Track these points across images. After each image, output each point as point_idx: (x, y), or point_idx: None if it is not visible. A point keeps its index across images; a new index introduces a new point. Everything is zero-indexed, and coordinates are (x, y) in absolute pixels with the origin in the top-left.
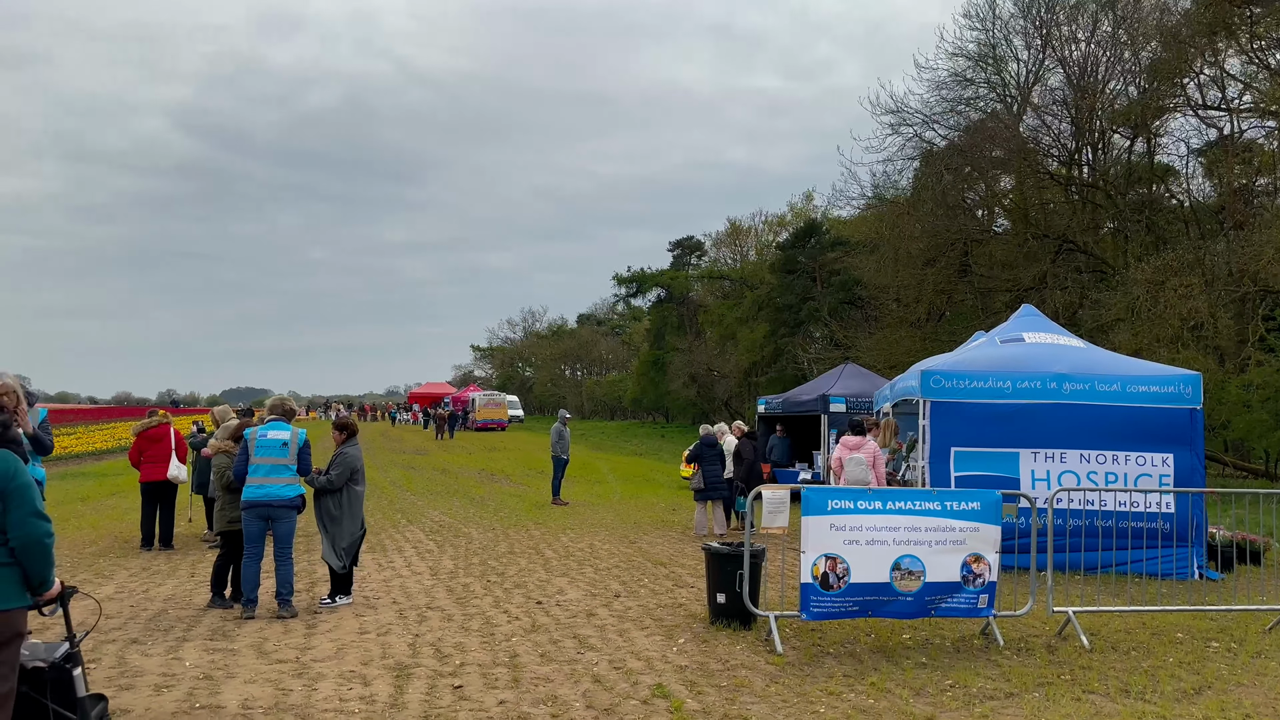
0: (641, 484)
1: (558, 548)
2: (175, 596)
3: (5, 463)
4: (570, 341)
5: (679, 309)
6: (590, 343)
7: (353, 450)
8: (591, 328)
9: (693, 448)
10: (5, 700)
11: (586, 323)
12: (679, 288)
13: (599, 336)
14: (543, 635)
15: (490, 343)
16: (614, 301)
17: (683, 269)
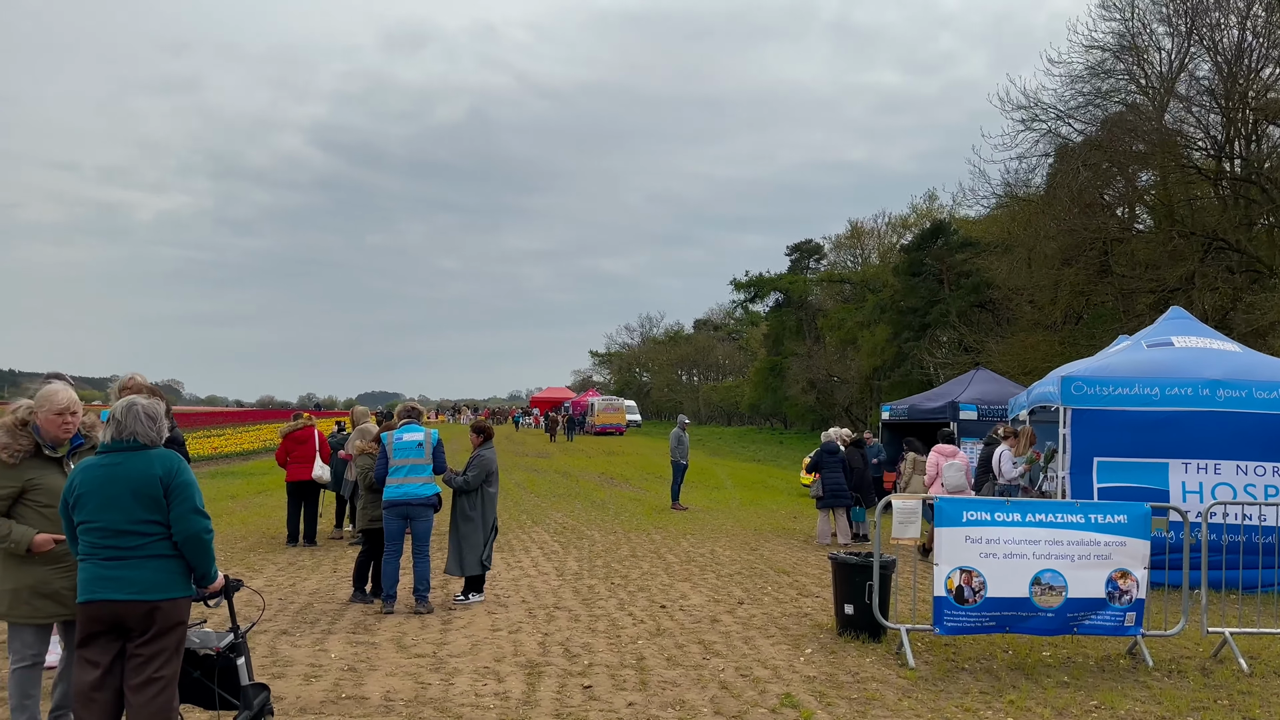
0: (760, 490)
1: (679, 552)
2: (320, 591)
3: (169, 461)
4: (687, 347)
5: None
6: (707, 348)
7: (488, 453)
8: (708, 333)
9: (814, 455)
10: (171, 681)
11: (703, 328)
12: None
13: (716, 342)
14: (668, 639)
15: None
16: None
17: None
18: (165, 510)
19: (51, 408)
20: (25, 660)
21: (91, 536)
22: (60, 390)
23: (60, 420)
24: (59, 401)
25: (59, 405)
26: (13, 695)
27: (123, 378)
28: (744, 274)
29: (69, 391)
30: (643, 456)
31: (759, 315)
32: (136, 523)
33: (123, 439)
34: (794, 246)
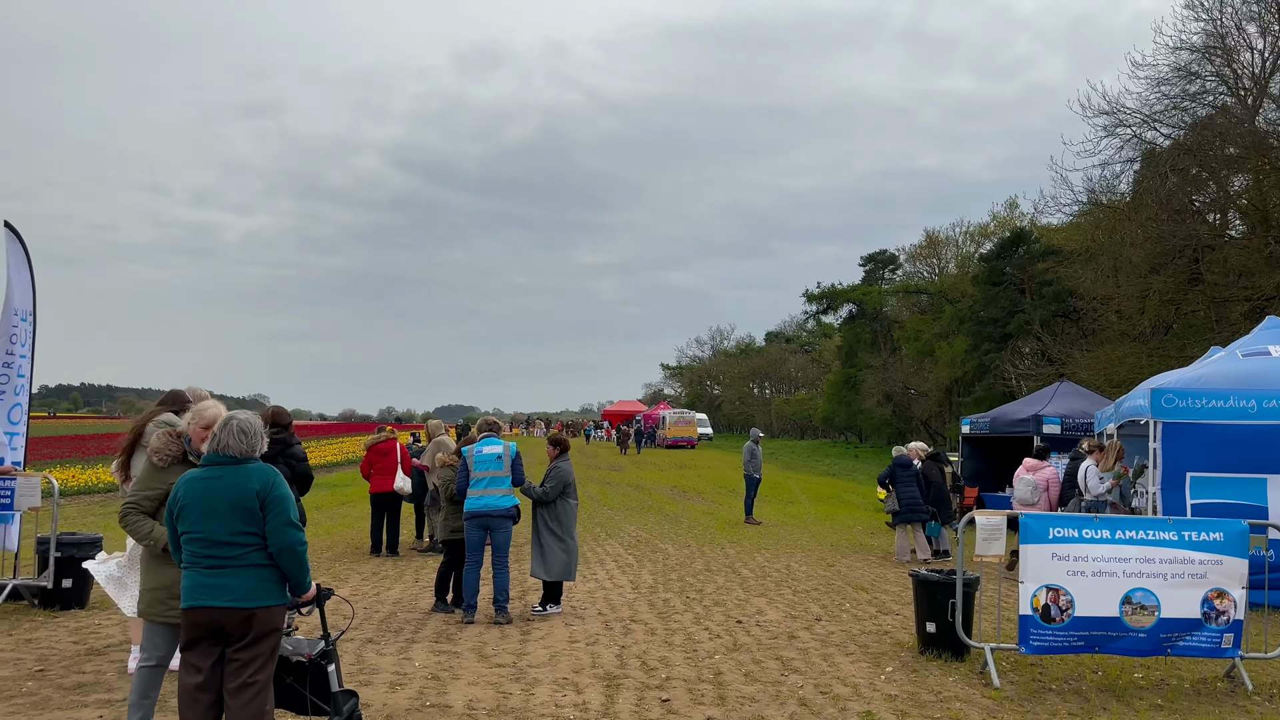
0: (835, 505)
1: (754, 567)
2: (403, 600)
3: (266, 475)
4: (758, 359)
5: (872, 325)
6: (779, 360)
7: (565, 465)
8: (780, 345)
9: (886, 469)
10: (266, 685)
11: (775, 340)
12: (872, 303)
13: (788, 354)
14: (745, 655)
15: (679, 361)
16: (803, 318)
17: (875, 283)
18: (261, 522)
19: (200, 420)
20: (152, 660)
21: (193, 546)
22: (210, 405)
23: (205, 433)
24: (206, 415)
25: (206, 419)
26: (133, 691)
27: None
28: (816, 285)
29: (219, 408)
30: (715, 470)
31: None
32: (234, 533)
33: (220, 453)
34: (868, 257)
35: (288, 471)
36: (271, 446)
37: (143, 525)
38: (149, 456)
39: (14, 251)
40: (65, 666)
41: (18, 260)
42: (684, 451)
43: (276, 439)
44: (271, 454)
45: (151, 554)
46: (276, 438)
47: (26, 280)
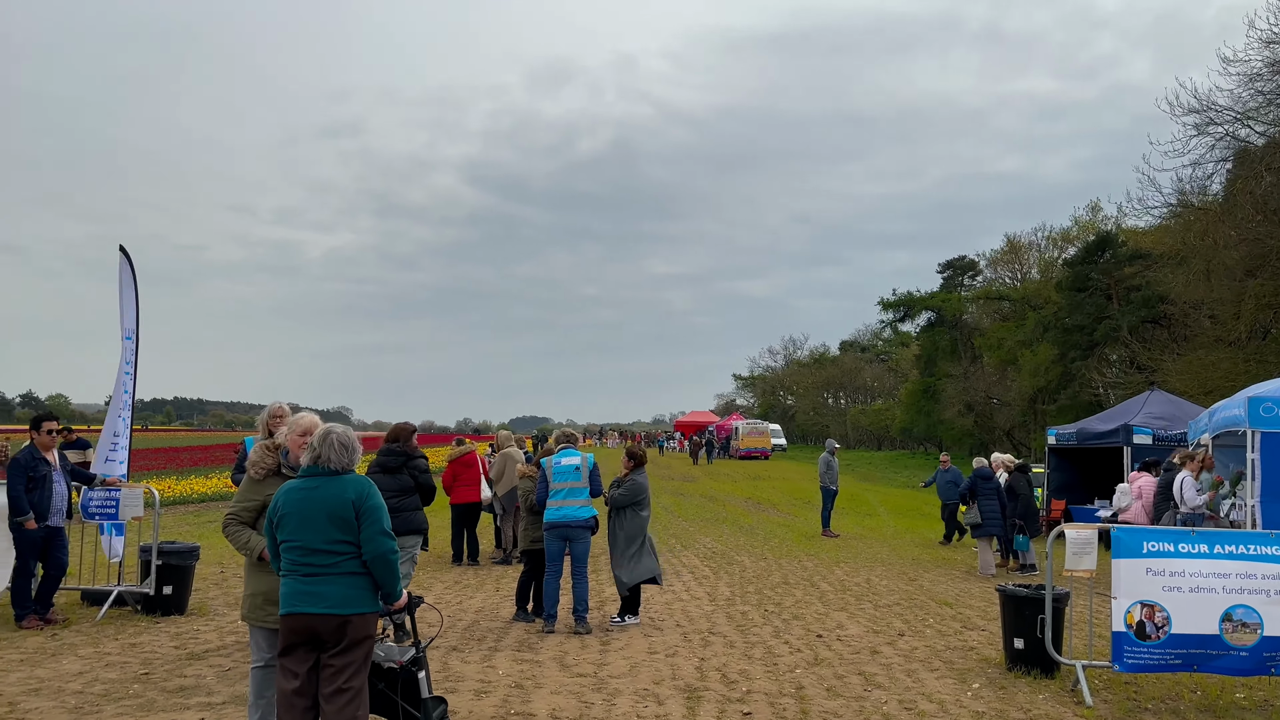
0: (915, 518)
1: (833, 581)
2: (484, 609)
3: (361, 485)
4: (833, 369)
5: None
6: (854, 370)
7: (640, 478)
8: (855, 354)
9: (967, 481)
10: (360, 691)
11: (850, 349)
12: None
13: (863, 363)
14: (826, 669)
15: (751, 371)
16: (879, 327)
17: (954, 290)
18: (356, 531)
19: (296, 430)
20: (260, 661)
21: (291, 554)
22: (306, 417)
23: (302, 440)
24: (302, 425)
25: (301, 428)
26: (251, 692)
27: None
28: (892, 293)
29: (313, 419)
30: (789, 481)
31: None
32: (330, 542)
33: (319, 465)
34: (946, 263)
35: (410, 482)
36: (395, 459)
37: (241, 535)
38: (248, 469)
39: (125, 274)
40: (168, 670)
41: (127, 282)
42: (758, 462)
43: (400, 452)
44: (396, 465)
45: (251, 561)
46: (400, 450)
47: (132, 301)
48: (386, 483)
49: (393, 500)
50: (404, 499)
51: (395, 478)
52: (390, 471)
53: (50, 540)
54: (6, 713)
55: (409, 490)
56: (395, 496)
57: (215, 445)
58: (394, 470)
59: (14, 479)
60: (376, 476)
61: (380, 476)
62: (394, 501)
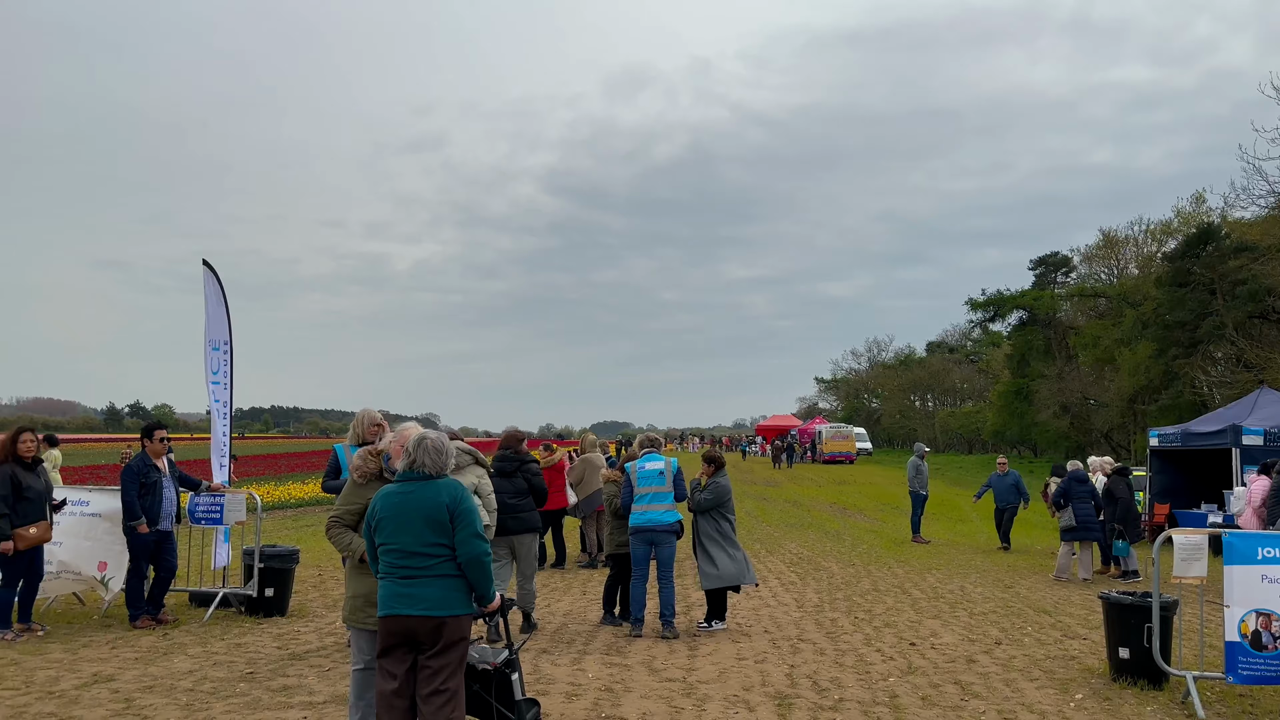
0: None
1: (925, 588)
2: (572, 612)
3: (455, 489)
4: (920, 371)
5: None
6: (942, 372)
7: (723, 481)
8: (943, 355)
9: (1060, 484)
10: (457, 692)
11: (937, 350)
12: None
13: (951, 365)
14: (920, 678)
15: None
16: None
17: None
18: (451, 534)
19: (400, 439)
20: (360, 663)
21: (389, 557)
22: (411, 427)
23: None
24: (404, 435)
25: (403, 438)
26: (351, 693)
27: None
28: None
29: (417, 429)
30: (876, 486)
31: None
32: (426, 545)
33: (414, 470)
34: (1038, 260)
35: (525, 484)
36: (509, 463)
37: (344, 537)
38: (351, 473)
39: (211, 287)
40: (271, 670)
41: (214, 295)
42: (842, 467)
43: (514, 457)
44: (511, 470)
45: (353, 564)
46: (513, 455)
47: (222, 313)
48: (503, 486)
49: (510, 501)
50: (520, 500)
51: (511, 481)
52: (506, 475)
53: (161, 544)
54: (124, 708)
55: (524, 492)
56: (512, 498)
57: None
58: (509, 474)
59: (127, 485)
60: (494, 480)
61: (497, 480)
62: (511, 502)
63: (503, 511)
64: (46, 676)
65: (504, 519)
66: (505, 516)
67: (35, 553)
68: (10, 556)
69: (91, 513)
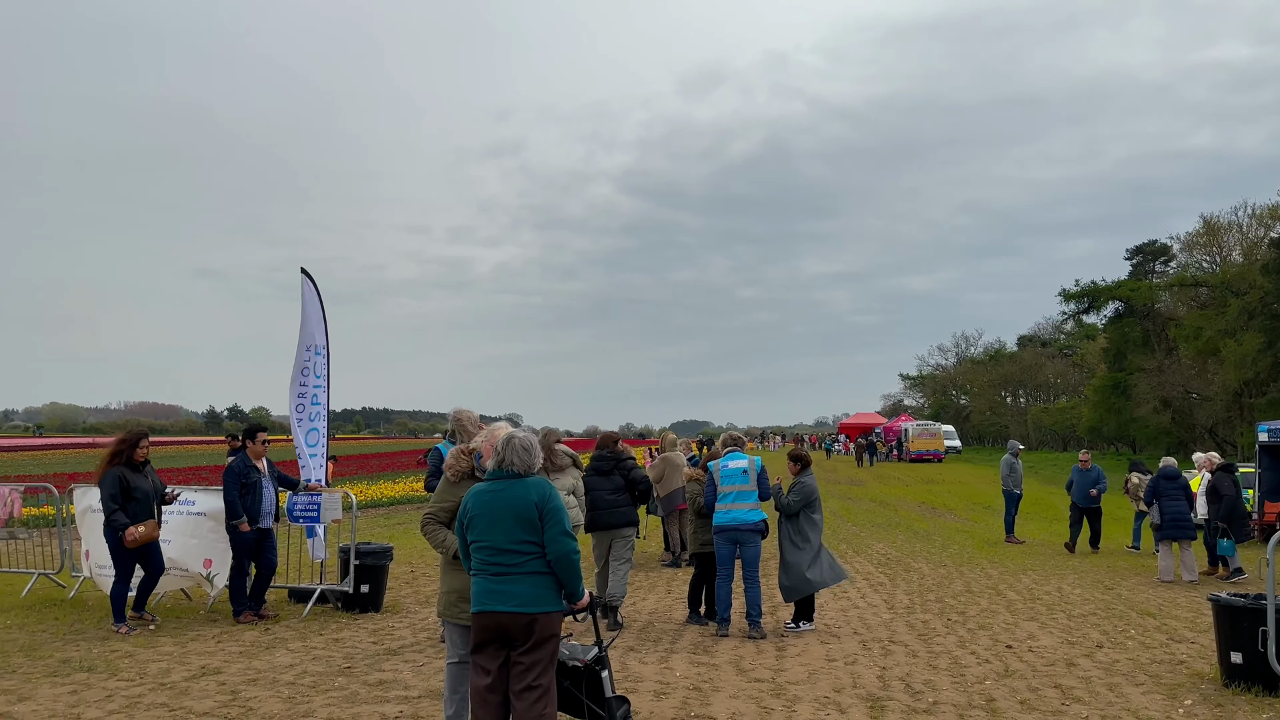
0: (1108, 522)
1: (1020, 589)
2: (658, 610)
3: (543, 488)
4: (1011, 366)
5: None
6: (1034, 366)
7: (809, 480)
8: (1035, 350)
9: (1150, 481)
10: (549, 689)
11: (1029, 344)
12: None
13: (1044, 359)
14: (1019, 681)
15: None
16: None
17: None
18: (540, 532)
19: (489, 438)
20: (454, 658)
21: (481, 554)
22: (501, 427)
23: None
24: (495, 434)
25: (494, 437)
26: (445, 686)
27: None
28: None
29: (507, 428)
30: (966, 485)
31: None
32: (516, 542)
33: (503, 468)
34: (1135, 249)
35: (621, 481)
36: (606, 462)
37: (438, 534)
38: (445, 471)
39: (308, 293)
40: (368, 665)
41: (311, 301)
42: (930, 465)
43: (610, 456)
44: (608, 468)
45: (446, 560)
46: (610, 455)
47: (319, 318)
48: (600, 483)
49: (608, 497)
50: (617, 496)
51: (608, 479)
52: (603, 474)
53: (261, 541)
54: (230, 700)
55: (620, 489)
56: (609, 494)
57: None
58: (606, 472)
59: (229, 485)
60: (591, 478)
61: (594, 478)
62: (609, 498)
63: (600, 507)
64: (158, 668)
65: (602, 514)
66: (603, 512)
67: (151, 549)
68: (120, 555)
69: (197, 512)
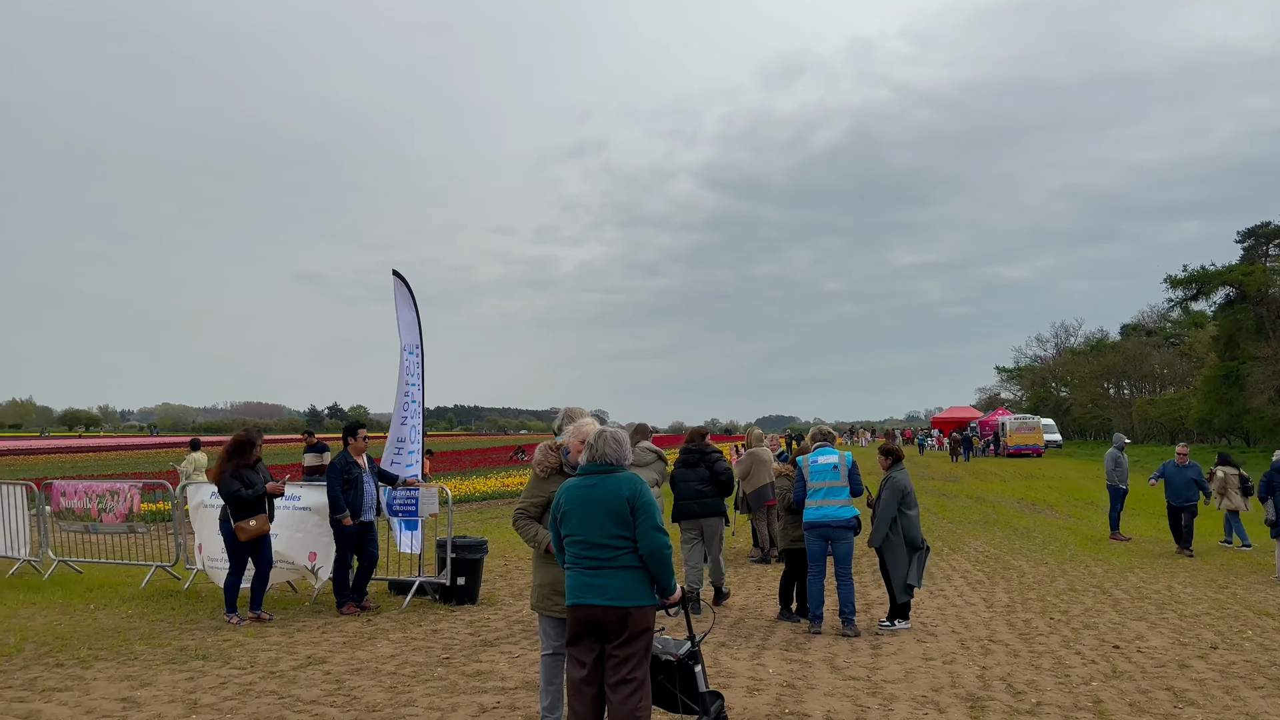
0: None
1: (1127, 588)
2: (748, 606)
3: (634, 482)
4: (1114, 356)
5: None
6: (1138, 356)
7: (900, 475)
8: (1139, 339)
9: (1264, 476)
10: (643, 682)
11: (1133, 334)
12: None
13: (1149, 349)
14: (1127, 683)
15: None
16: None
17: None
18: (632, 526)
19: (576, 434)
20: (549, 649)
21: (575, 548)
22: (588, 422)
23: (580, 445)
24: (582, 430)
25: (581, 433)
26: (541, 678)
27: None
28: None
29: (593, 424)
30: (1067, 480)
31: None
32: (609, 536)
33: (596, 462)
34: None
35: (707, 474)
36: (693, 456)
37: (529, 528)
38: (533, 467)
39: (401, 294)
40: (466, 655)
41: (404, 302)
42: (1029, 460)
43: (697, 450)
44: (695, 461)
45: (538, 553)
46: (697, 449)
47: (413, 319)
48: (688, 475)
49: (696, 488)
50: (704, 487)
51: (695, 471)
52: (691, 466)
53: (363, 535)
54: (335, 689)
55: (706, 480)
56: (698, 485)
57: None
58: (693, 465)
59: (332, 481)
60: (679, 470)
61: (683, 470)
62: (697, 489)
63: (689, 498)
64: (267, 657)
65: (690, 504)
66: (691, 502)
67: (262, 544)
68: (235, 547)
69: (302, 506)
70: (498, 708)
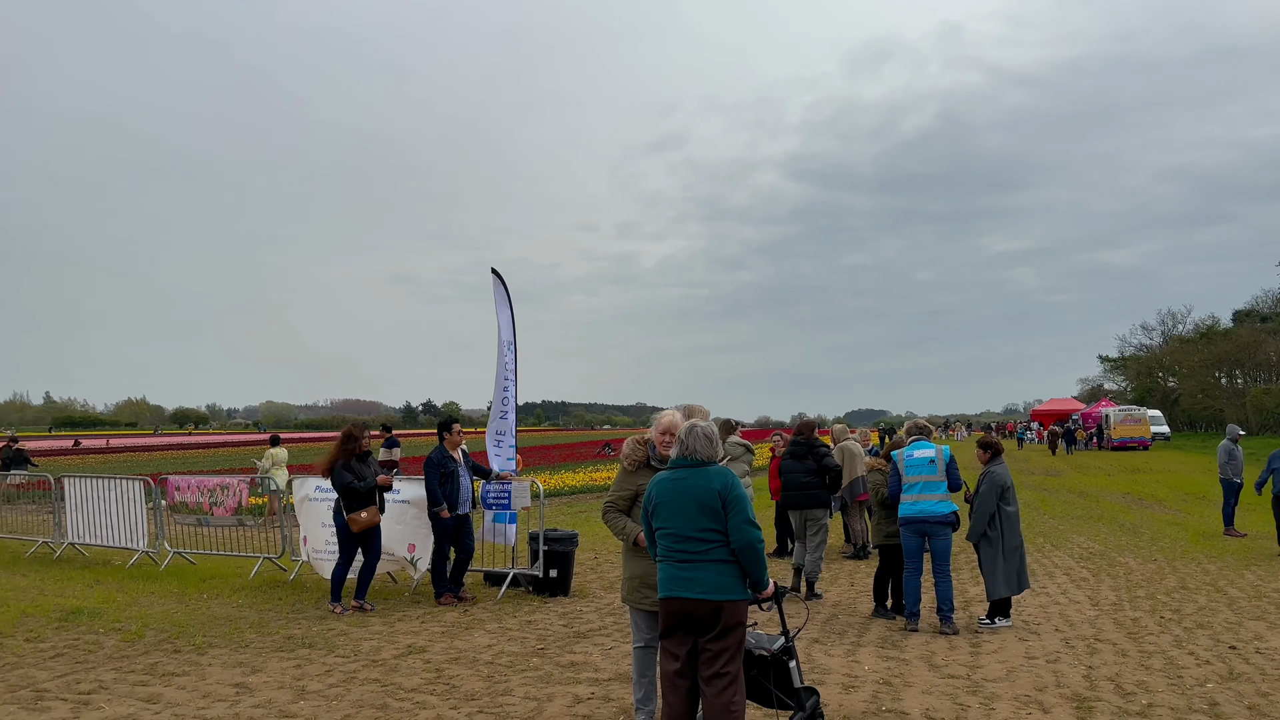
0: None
1: (1243, 586)
2: (841, 603)
3: (726, 476)
4: (1225, 344)
5: None
6: (1253, 344)
7: (999, 469)
8: (1254, 326)
9: None
10: (736, 676)
11: (1246, 320)
12: None
13: (1264, 335)
14: (1245, 685)
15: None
16: None
17: None
18: (723, 520)
19: (657, 427)
20: (640, 642)
21: (666, 541)
22: (668, 414)
23: (661, 438)
24: (662, 422)
25: (662, 426)
26: (634, 671)
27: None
28: None
29: (675, 416)
30: (1176, 474)
31: None
32: (700, 530)
33: (687, 456)
34: None
35: (815, 465)
36: (801, 448)
37: (618, 521)
38: (621, 461)
39: (499, 293)
40: (559, 647)
41: (501, 300)
42: (1135, 454)
43: (805, 442)
44: (802, 453)
45: (627, 547)
46: (804, 441)
47: (508, 316)
48: (795, 466)
49: (802, 479)
50: (810, 479)
51: (802, 463)
52: (798, 458)
53: (460, 527)
54: (435, 678)
55: (814, 472)
56: (804, 476)
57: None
58: (801, 457)
59: (430, 475)
60: (787, 461)
61: (790, 462)
62: (803, 480)
63: (795, 489)
64: (370, 646)
65: (796, 495)
66: (795, 493)
67: (372, 535)
68: (345, 538)
69: (401, 500)
70: (592, 699)
